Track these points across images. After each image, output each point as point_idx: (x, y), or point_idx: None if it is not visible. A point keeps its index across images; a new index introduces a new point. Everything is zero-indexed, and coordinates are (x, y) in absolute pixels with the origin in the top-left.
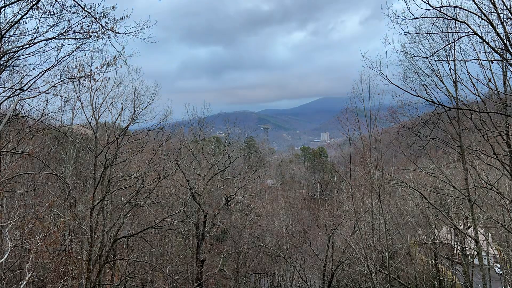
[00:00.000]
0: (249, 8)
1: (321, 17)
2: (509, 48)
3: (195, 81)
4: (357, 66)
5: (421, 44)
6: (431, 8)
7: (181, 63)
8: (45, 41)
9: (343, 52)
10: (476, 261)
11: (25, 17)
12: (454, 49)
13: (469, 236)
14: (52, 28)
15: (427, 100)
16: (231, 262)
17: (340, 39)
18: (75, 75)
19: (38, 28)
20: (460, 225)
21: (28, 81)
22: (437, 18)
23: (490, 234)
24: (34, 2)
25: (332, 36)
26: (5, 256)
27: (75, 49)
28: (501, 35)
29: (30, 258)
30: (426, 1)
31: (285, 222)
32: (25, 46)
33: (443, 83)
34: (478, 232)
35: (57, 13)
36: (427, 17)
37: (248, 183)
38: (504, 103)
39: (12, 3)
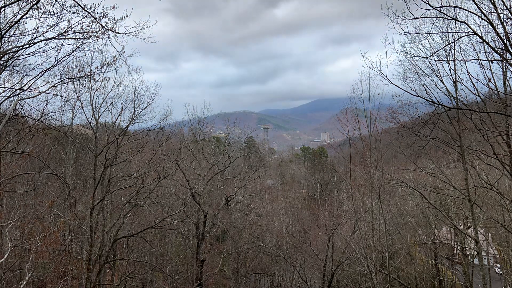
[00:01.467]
0: (282, 51)
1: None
2: (509, 48)
3: (206, 89)
4: (357, 66)
5: (421, 44)
6: (431, 8)
7: (217, 77)
8: (45, 41)
9: (345, 58)
10: (476, 261)
11: (25, 17)
12: (454, 49)
13: (469, 236)
14: (52, 28)
15: (427, 100)
16: (231, 262)
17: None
18: (75, 75)
19: (38, 28)
20: (460, 225)
21: (28, 81)
22: (437, 18)
23: (490, 234)
24: (34, 2)
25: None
26: (5, 256)
27: (75, 49)
28: (501, 35)
29: (30, 258)
30: (426, 1)
31: (285, 222)
32: (25, 46)
33: (443, 83)
34: (478, 232)
35: (57, 13)
36: (427, 17)
37: (248, 183)
38: (504, 103)
39: (12, 3)
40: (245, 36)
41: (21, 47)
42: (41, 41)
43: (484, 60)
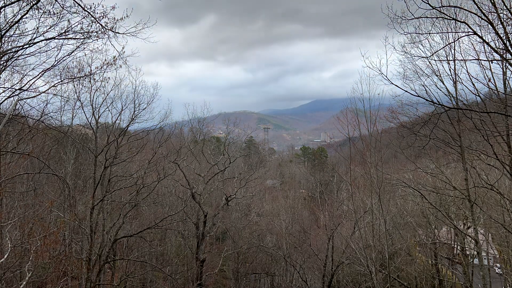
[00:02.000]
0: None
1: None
2: (509, 48)
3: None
4: (358, 67)
5: (421, 44)
6: (431, 8)
7: (227, 82)
8: (45, 41)
9: (345, 60)
10: (476, 261)
11: (25, 17)
12: (454, 49)
13: (469, 236)
14: (52, 28)
15: (427, 100)
16: (231, 262)
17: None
18: (75, 75)
19: (38, 28)
20: (460, 225)
21: (28, 81)
22: (437, 18)
23: (490, 234)
24: (34, 2)
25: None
26: (5, 256)
27: (75, 49)
28: (501, 35)
29: (30, 258)
30: (426, 1)
31: (285, 222)
32: (25, 46)
33: (443, 83)
34: (478, 232)
35: (57, 13)
36: (427, 17)
37: (248, 183)
38: (504, 103)
39: (12, 3)
40: (242, 42)
41: (21, 47)
42: (41, 41)
43: (484, 60)
